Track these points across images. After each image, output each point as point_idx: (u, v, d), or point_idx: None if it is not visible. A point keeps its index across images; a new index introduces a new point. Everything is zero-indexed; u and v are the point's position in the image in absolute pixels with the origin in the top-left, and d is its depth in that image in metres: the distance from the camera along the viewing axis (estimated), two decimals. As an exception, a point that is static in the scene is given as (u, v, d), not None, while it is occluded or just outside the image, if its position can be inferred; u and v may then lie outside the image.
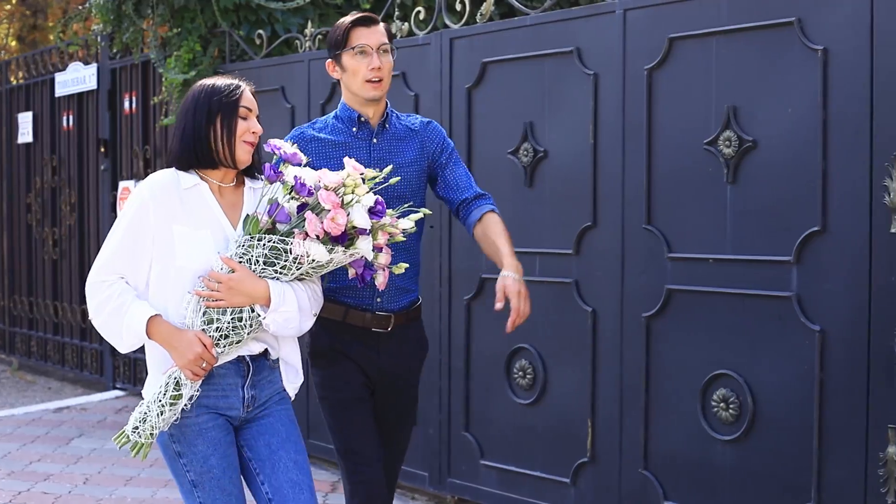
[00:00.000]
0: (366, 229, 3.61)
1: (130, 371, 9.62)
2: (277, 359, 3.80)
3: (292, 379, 3.86)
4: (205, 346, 3.54)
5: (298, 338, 3.87)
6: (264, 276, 3.59)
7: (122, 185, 9.53)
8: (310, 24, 7.63)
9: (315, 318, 3.80)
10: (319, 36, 7.51)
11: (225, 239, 3.68)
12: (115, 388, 9.84)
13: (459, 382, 6.13)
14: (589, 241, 5.47)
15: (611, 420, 5.40)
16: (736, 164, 4.84)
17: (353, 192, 3.62)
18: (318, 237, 3.55)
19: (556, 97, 5.63)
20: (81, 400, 9.56)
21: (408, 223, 3.77)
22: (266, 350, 3.75)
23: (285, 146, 3.74)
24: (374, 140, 4.26)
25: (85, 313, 10.23)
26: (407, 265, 3.94)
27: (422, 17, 6.53)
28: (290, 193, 3.62)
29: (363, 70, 4.19)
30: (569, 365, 5.62)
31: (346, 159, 3.77)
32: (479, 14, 6.23)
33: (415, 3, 8.42)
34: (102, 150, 9.85)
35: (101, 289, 3.59)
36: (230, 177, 3.78)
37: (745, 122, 4.82)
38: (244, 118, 3.72)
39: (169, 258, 3.61)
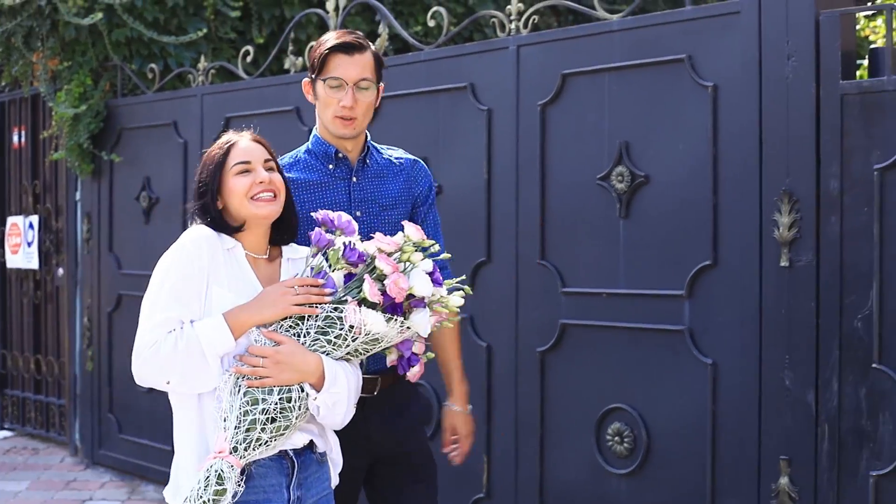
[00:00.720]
0: (423, 299, 3.18)
1: (19, 411, 9.42)
2: (324, 452, 3.32)
3: (335, 476, 3.40)
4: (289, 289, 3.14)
5: None
6: (314, 350, 3.13)
7: (10, 220, 9.36)
8: (203, 58, 7.57)
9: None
10: (212, 70, 7.45)
11: None
12: (3, 428, 9.61)
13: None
14: (483, 276, 5.47)
15: (506, 455, 5.39)
16: (628, 200, 4.87)
17: (409, 259, 3.21)
18: (376, 305, 3.12)
19: (450, 132, 5.64)
20: (-32, 441, 9.34)
21: (458, 300, 3.28)
22: (311, 442, 3.26)
23: (338, 215, 3.29)
24: (354, 179, 3.72)
25: (-29, 352, 10.02)
26: (433, 355, 3.48)
27: (316, 51, 6.50)
28: (337, 262, 3.20)
29: (334, 105, 3.63)
30: (464, 400, 5.60)
31: (405, 223, 3.29)
32: (373, 49, 6.21)
33: (308, 38, 8.40)
34: (-10, 185, 9.67)
35: (159, 350, 3.05)
36: (263, 246, 3.32)
37: (637, 158, 4.86)
38: (245, 172, 3.26)
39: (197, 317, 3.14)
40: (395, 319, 3.13)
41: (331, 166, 3.72)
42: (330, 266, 3.21)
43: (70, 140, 7.99)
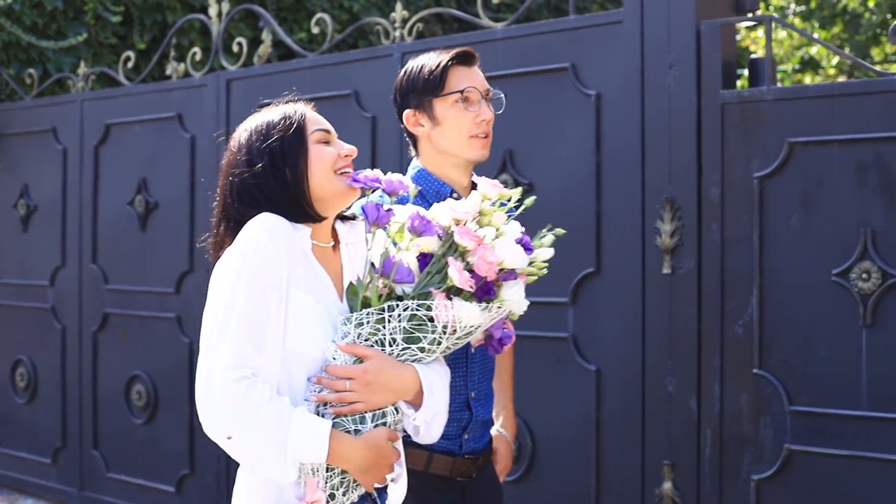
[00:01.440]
0: (514, 271, 2.65)
1: None
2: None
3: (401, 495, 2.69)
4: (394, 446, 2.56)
5: None
6: (405, 360, 2.58)
7: None
8: (83, 63, 7.43)
9: None
10: (93, 76, 7.32)
11: (334, 313, 2.61)
12: None
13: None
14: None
15: (392, 464, 5.36)
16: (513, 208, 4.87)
17: (490, 223, 2.68)
18: (469, 291, 2.57)
19: (334, 140, 5.60)
20: None
21: (547, 251, 2.78)
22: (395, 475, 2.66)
23: (386, 177, 2.69)
24: None
25: None
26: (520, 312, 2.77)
27: (198, 57, 6.43)
28: (403, 238, 2.65)
29: (468, 123, 3.11)
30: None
31: (478, 179, 2.80)
32: (256, 56, 6.17)
33: (191, 44, 8.31)
34: None
35: (239, 398, 2.38)
36: (328, 234, 2.69)
37: (521, 166, 4.87)
38: (325, 143, 2.65)
39: (278, 336, 2.51)
40: (491, 305, 2.60)
41: None
42: (394, 244, 2.65)
43: (-55, 146, 7.81)
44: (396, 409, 2.57)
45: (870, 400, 4.00)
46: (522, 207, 2.83)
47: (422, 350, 2.57)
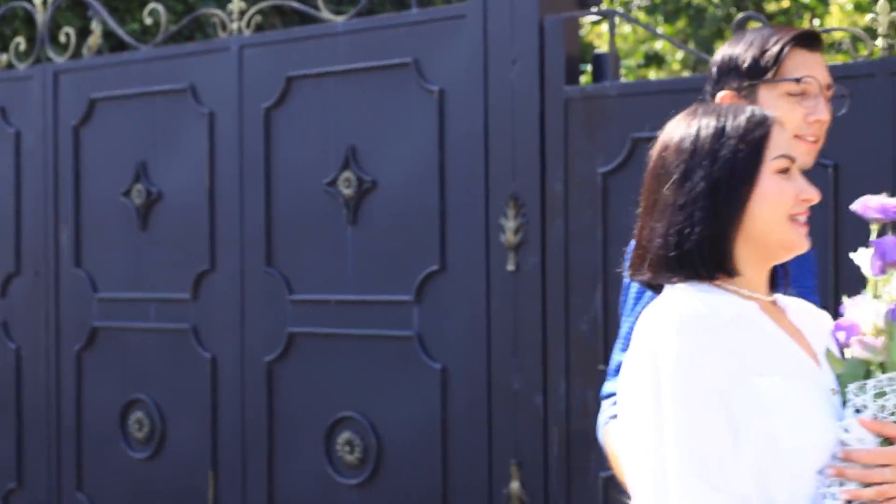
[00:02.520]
0: None
1: None
2: None
3: None
4: None
5: None
6: None
7: None
8: None
9: None
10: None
11: (816, 387, 2.02)
12: None
13: (70, 439, 5.80)
14: (207, 284, 5.32)
15: (233, 470, 5.25)
16: (356, 205, 4.82)
17: None
18: None
19: (170, 136, 5.46)
20: None
21: None
22: None
23: None
24: None
25: None
26: None
27: (22, 48, 6.20)
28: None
29: (797, 119, 2.51)
30: (188, 415, 5.43)
31: None
32: (85, 47, 5.97)
33: (14, 33, 8.02)
34: None
35: None
36: (766, 287, 2.10)
37: (364, 163, 4.81)
38: (783, 171, 2.01)
39: (763, 436, 1.94)
40: None
41: None
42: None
43: None
44: None
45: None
46: None
47: None
